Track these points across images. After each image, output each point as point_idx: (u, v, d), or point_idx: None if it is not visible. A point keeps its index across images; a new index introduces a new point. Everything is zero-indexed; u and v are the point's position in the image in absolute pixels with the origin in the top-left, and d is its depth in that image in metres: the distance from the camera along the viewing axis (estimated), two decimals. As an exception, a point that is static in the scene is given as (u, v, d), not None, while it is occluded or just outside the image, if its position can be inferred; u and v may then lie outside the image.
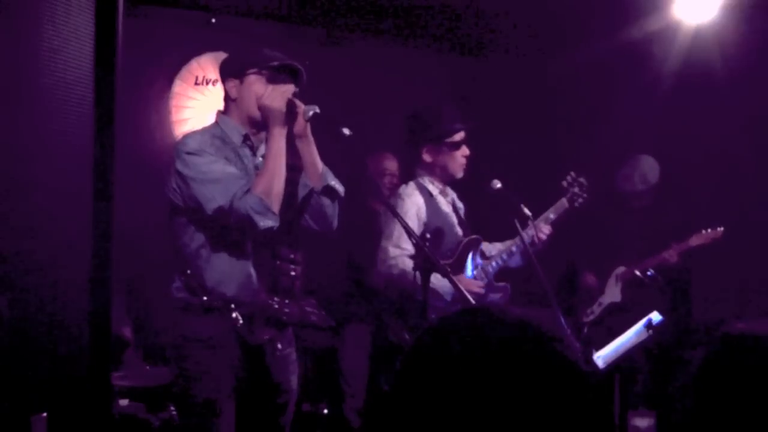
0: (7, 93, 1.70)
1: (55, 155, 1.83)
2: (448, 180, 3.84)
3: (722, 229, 4.67)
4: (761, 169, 4.71)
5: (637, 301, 4.61)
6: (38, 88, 1.77)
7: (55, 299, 1.82)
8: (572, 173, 3.97)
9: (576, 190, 3.95)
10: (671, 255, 4.70)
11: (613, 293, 4.86)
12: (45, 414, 1.75)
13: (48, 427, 1.75)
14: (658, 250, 4.73)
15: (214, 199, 2.70)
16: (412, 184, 3.82)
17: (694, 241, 4.68)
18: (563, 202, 3.91)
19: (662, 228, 4.82)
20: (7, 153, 1.71)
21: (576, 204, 3.95)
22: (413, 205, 3.68)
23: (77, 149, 1.89)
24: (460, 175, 3.80)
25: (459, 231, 3.81)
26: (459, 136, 3.76)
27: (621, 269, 4.85)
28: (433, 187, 3.81)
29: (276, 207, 2.73)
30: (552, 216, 3.86)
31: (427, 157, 3.79)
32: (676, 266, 4.73)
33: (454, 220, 3.83)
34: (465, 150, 3.78)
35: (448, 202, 3.86)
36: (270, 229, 2.71)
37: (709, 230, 4.68)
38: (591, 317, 4.86)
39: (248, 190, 2.69)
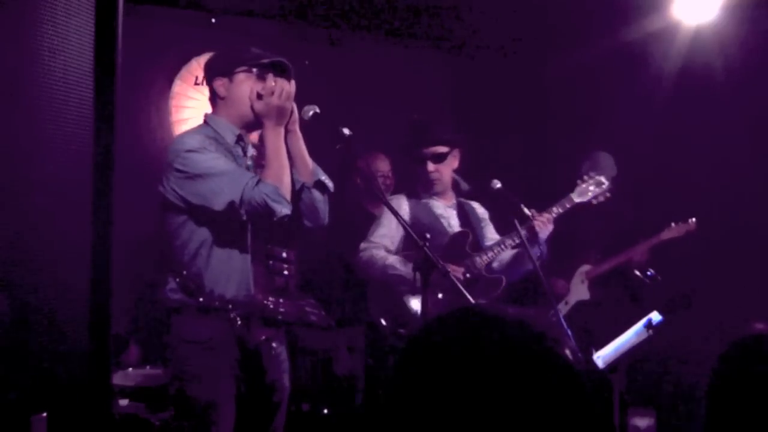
0: (6, 93, 1.70)
1: (55, 155, 1.83)
2: (429, 192, 3.89)
3: (694, 220, 4.51)
4: (761, 168, 4.70)
5: (604, 299, 4.58)
6: (38, 88, 1.77)
7: (55, 299, 1.81)
8: (591, 173, 3.96)
9: (592, 188, 3.90)
10: (640, 251, 4.55)
11: (579, 291, 4.76)
12: (45, 414, 1.75)
13: (48, 427, 1.75)
14: (625, 247, 4.60)
15: (223, 192, 2.66)
16: (403, 192, 3.94)
17: (666, 234, 4.53)
18: (570, 198, 3.86)
19: (628, 225, 4.74)
20: (7, 153, 1.71)
21: (594, 202, 3.94)
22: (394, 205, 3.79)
23: (77, 149, 1.89)
24: (432, 189, 3.86)
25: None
26: (429, 151, 3.79)
27: (586, 267, 4.78)
28: (424, 193, 3.90)
29: (288, 197, 2.72)
30: (556, 210, 3.81)
31: (410, 167, 3.92)
32: (646, 264, 4.49)
33: (454, 222, 3.87)
34: (430, 166, 3.80)
35: (446, 205, 3.92)
36: (284, 217, 2.69)
37: (680, 223, 4.53)
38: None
39: (259, 180, 2.68)
